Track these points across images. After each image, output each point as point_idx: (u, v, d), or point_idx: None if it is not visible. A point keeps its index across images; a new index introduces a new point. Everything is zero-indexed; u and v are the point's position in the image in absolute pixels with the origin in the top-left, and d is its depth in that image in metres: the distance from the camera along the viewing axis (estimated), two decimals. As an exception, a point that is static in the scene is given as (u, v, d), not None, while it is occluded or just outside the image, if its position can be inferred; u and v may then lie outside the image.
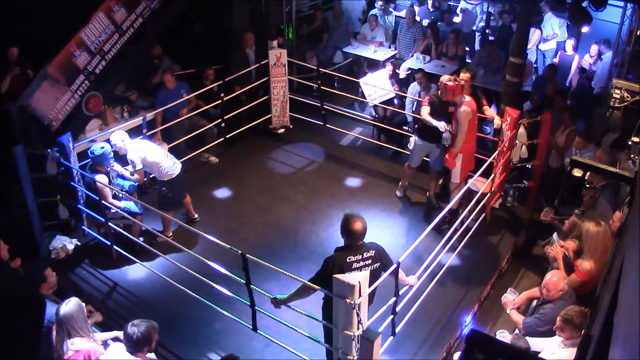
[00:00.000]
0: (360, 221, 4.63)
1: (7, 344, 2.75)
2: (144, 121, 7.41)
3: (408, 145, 7.89)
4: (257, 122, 8.83)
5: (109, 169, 6.45)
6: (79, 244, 6.76)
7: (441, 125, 6.79)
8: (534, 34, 9.80)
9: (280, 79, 8.75)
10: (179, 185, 6.79)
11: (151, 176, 6.96)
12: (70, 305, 4.45)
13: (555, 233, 6.17)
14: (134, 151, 6.47)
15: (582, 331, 4.76)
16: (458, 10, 11.38)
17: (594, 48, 9.34)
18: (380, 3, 10.68)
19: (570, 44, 9.53)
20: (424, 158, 7.41)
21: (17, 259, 5.36)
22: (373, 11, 10.75)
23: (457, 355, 5.51)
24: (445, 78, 6.85)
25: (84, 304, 4.60)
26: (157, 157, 6.55)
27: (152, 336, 4.36)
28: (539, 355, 4.83)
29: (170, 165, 6.61)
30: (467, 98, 6.69)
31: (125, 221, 6.52)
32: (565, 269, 5.52)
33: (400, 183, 7.74)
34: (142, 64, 8.12)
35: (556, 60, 9.82)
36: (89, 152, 6.41)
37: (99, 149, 6.31)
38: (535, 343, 5.03)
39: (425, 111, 6.92)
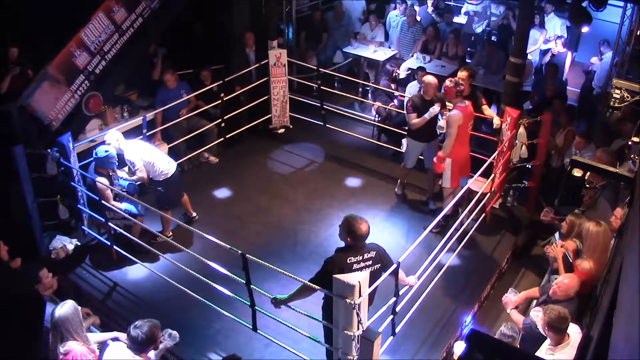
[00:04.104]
0: (365, 223, 4.65)
1: (7, 344, 2.75)
2: (144, 121, 7.41)
3: (401, 147, 7.89)
4: (257, 122, 8.84)
5: (111, 173, 6.44)
6: (79, 244, 6.76)
7: (430, 112, 6.81)
8: (541, 35, 9.83)
9: (280, 79, 8.75)
10: (175, 185, 6.78)
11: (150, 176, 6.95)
12: (66, 308, 4.43)
13: (557, 232, 6.17)
14: (131, 151, 6.47)
15: (567, 335, 4.74)
16: (462, 11, 11.38)
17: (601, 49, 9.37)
18: (402, 7, 10.48)
19: (559, 42, 9.56)
20: (420, 157, 7.43)
21: (17, 259, 5.35)
22: (393, 12, 10.62)
23: (458, 344, 5.50)
24: (429, 78, 6.92)
25: (79, 307, 4.58)
26: (152, 157, 6.55)
27: (155, 335, 4.38)
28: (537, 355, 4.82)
29: (165, 165, 6.60)
30: (464, 103, 6.62)
31: (125, 221, 6.52)
32: (564, 269, 5.52)
33: (398, 181, 7.75)
34: (142, 64, 8.11)
35: (547, 58, 9.87)
36: (93, 152, 6.42)
37: (102, 152, 6.29)
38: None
39: (413, 119, 6.98)
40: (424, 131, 7.02)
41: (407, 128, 7.50)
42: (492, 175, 6.87)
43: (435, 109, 6.86)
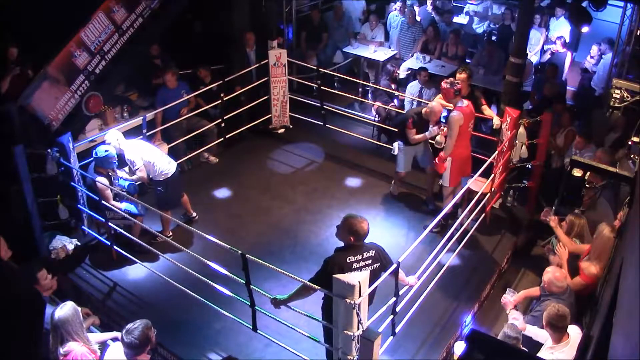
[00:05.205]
0: (365, 221, 4.67)
1: (7, 344, 2.75)
2: (144, 121, 7.41)
3: (392, 152, 7.83)
4: (257, 122, 8.84)
5: (111, 172, 6.43)
6: (79, 244, 6.76)
7: (431, 132, 6.95)
8: (541, 36, 9.82)
9: (280, 79, 8.75)
10: (175, 185, 6.78)
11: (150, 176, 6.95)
12: (66, 309, 4.42)
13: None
14: (131, 151, 6.47)
15: (567, 334, 4.74)
16: (464, 11, 11.39)
17: (595, 49, 9.35)
18: (399, 4, 10.51)
19: (559, 42, 9.57)
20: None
21: (8, 252, 5.28)
22: (393, 13, 10.62)
23: (458, 344, 5.50)
24: (434, 106, 6.96)
25: (79, 308, 4.58)
26: (152, 156, 6.55)
27: (149, 335, 4.37)
28: (538, 355, 4.82)
29: (165, 165, 6.60)
30: (464, 103, 6.64)
31: (125, 221, 6.52)
32: (569, 271, 5.50)
33: (392, 182, 7.76)
34: (142, 64, 8.12)
35: (547, 57, 9.86)
36: (93, 152, 6.41)
37: (102, 152, 6.28)
38: (540, 334, 5.02)
39: (413, 134, 7.08)
40: None
41: (397, 130, 7.48)
42: (492, 175, 6.87)
43: (435, 130, 6.93)
